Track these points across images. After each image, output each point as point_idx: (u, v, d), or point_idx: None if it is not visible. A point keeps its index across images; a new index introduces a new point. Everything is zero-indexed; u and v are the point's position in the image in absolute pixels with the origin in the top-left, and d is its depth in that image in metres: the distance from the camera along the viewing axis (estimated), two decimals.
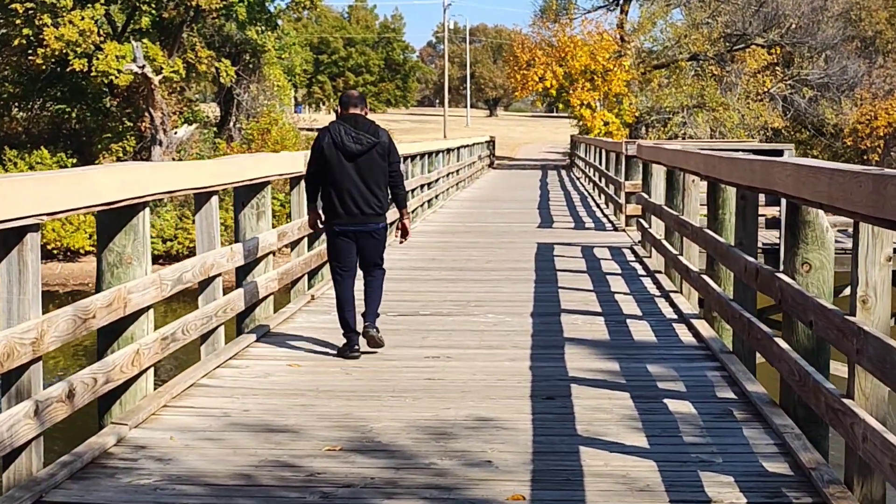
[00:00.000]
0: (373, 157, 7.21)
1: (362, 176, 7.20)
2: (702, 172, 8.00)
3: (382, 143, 7.24)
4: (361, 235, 7.35)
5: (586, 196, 26.50)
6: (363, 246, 7.40)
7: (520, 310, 9.15)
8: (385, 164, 7.29)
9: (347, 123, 7.20)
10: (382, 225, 7.46)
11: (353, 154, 7.16)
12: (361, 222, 7.29)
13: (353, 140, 7.15)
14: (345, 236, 7.35)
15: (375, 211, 7.31)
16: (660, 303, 9.43)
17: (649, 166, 13.19)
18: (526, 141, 77.68)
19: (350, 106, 7.28)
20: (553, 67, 48.03)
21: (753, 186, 6.18)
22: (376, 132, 7.25)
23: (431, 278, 11.32)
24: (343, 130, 7.16)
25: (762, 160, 6.05)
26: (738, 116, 46.91)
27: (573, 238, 15.60)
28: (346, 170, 7.16)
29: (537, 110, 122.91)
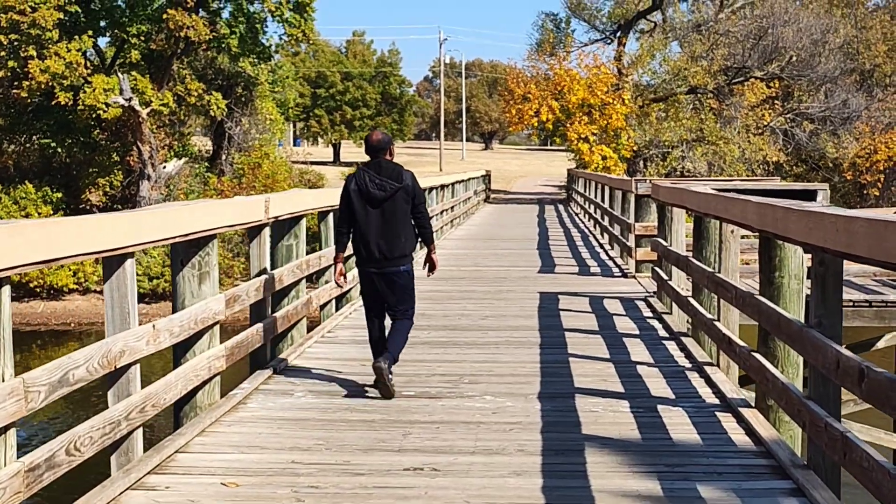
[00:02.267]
0: (396, 202, 7.38)
1: (387, 221, 7.39)
2: (754, 226, 6.40)
3: (406, 187, 7.39)
4: (387, 278, 7.54)
5: (587, 234, 24.91)
6: (389, 288, 7.58)
7: (524, 388, 7.52)
8: (409, 206, 7.45)
9: (371, 170, 7.39)
10: (406, 268, 7.59)
11: (377, 200, 7.36)
12: (387, 266, 7.48)
13: (376, 187, 7.34)
14: (374, 280, 7.56)
15: (402, 254, 7.50)
16: (694, 379, 7.80)
17: (667, 209, 11.59)
18: (521, 174, 76.36)
19: (374, 151, 7.46)
20: (549, 101, 46.62)
21: (843, 252, 4.57)
22: (399, 176, 7.39)
23: (419, 341, 9.67)
24: (367, 178, 7.37)
25: (848, 217, 4.47)
26: (739, 150, 45.51)
27: (578, 286, 13.99)
28: (371, 216, 7.37)
29: (532, 143, 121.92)
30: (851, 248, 4.36)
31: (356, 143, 75.73)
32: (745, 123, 46.66)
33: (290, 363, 8.44)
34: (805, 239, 5.19)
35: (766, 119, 47.62)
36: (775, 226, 5.84)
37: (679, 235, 10.94)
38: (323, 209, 10.77)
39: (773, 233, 5.99)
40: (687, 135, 45.72)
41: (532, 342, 9.56)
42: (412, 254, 7.65)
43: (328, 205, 10.72)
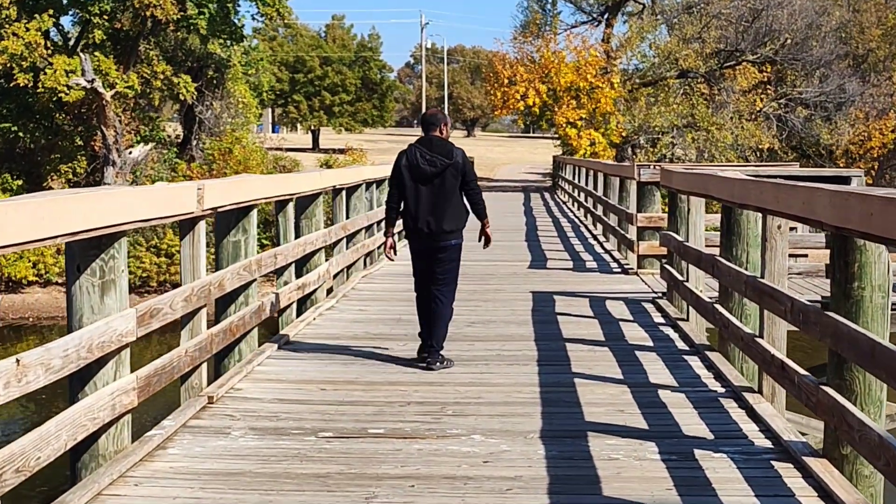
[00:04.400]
0: (446, 178, 7.54)
1: (437, 196, 7.53)
2: (826, 221, 4.85)
3: (456, 164, 7.55)
4: (436, 252, 7.69)
5: (578, 225, 23.38)
6: (436, 261, 7.71)
7: (522, 423, 5.98)
8: (458, 182, 7.59)
9: (423, 146, 7.59)
10: (455, 242, 7.72)
11: (427, 176, 7.54)
12: (435, 240, 7.63)
13: (427, 162, 7.52)
14: (421, 254, 7.76)
15: (451, 228, 7.62)
16: (732, 411, 6.27)
17: (680, 198, 10.06)
18: (505, 161, 74.80)
19: (428, 127, 7.64)
20: (536, 84, 45.02)
21: None
22: (450, 153, 7.55)
23: (392, 355, 8.13)
24: (419, 154, 7.55)
25: None
26: (731, 137, 44.06)
27: (575, 284, 12.46)
28: (422, 191, 7.54)
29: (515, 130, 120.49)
30: None
31: (335, 130, 74.00)
32: (737, 109, 45.21)
33: (233, 387, 6.88)
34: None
35: (759, 104, 46.21)
36: (864, 223, 4.30)
37: (698, 229, 9.41)
38: (281, 198, 9.19)
39: (859, 231, 4.46)
40: (677, 120, 44.24)
41: (528, 357, 8.02)
42: (461, 229, 7.72)
43: (286, 193, 9.16)
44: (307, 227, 10.64)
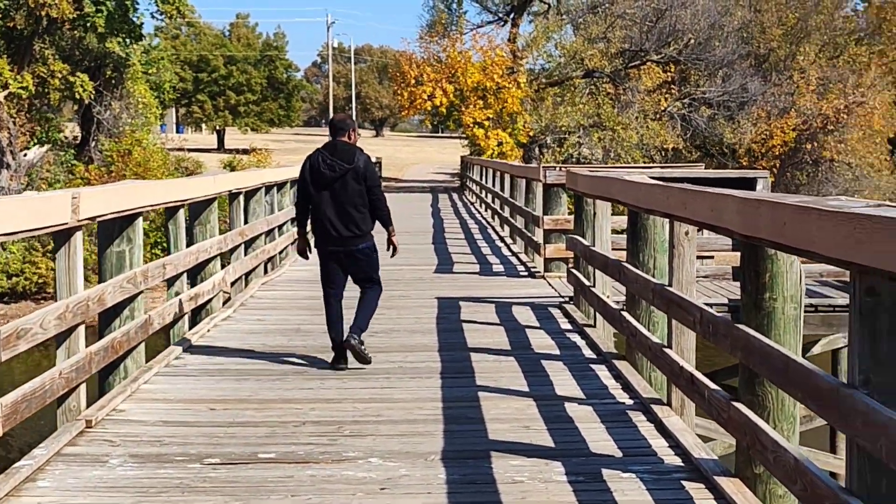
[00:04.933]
0: (347, 183, 7.60)
1: (339, 200, 7.61)
2: (735, 230, 4.62)
3: (357, 169, 7.60)
4: (346, 257, 7.78)
5: (486, 226, 23.18)
6: (351, 266, 7.85)
7: (423, 443, 5.66)
8: (361, 187, 7.63)
9: (327, 151, 7.66)
10: (366, 245, 7.79)
11: (327, 180, 7.61)
12: (343, 244, 7.71)
13: (327, 167, 7.59)
14: (331, 258, 7.82)
15: (355, 233, 7.69)
16: (641, 425, 6.03)
17: (587, 201, 9.86)
18: (413, 161, 74.55)
19: (336, 132, 7.75)
20: (443, 84, 44.80)
21: None
22: (352, 159, 7.60)
23: (288, 369, 7.75)
24: (321, 158, 7.64)
25: None
26: (637, 136, 44.40)
27: (482, 289, 12.20)
28: (324, 196, 7.61)
29: (424, 130, 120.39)
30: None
31: (241, 130, 72.90)
32: (642, 108, 45.60)
33: (115, 408, 6.43)
34: (841, 254, 3.44)
35: (664, 104, 46.70)
36: (775, 232, 4.07)
37: (605, 233, 9.21)
38: (170, 204, 8.73)
39: (770, 241, 4.23)
40: (584, 120, 44.42)
41: (431, 369, 7.71)
42: (369, 232, 7.77)
43: (177, 199, 8.71)
44: (201, 234, 10.19)
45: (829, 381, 3.61)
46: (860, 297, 3.46)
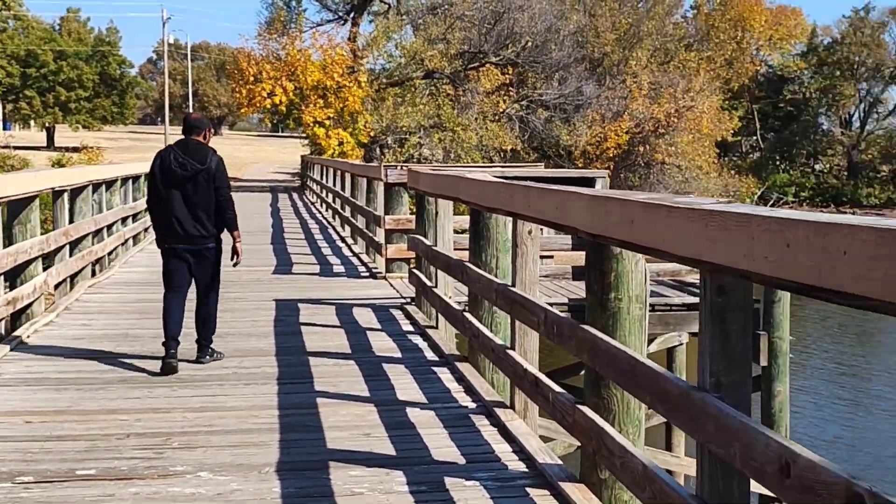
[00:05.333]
0: (198, 183, 7.51)
1: (188, 199, 7.49)
2: (582, 228, 4.49)
3: (209, 170, 7.52)
4: (194, 256, 7.66)
5: (326, 226, 22.82)
6: (196, 267, 7.70)
7: (258, 454, 5.34)
8: (211, 188, 7.54)
9: (179, 149, 7.56)
10: (211, 246, 7.68)
11: (178, 179, 7.49)
12: (188, 243, 7.59)
13: (179, 165, 7.47)
14: (177, 258, 7.66)
15: (201, 233, 7.58)
16: (484, 429, 5.86)
17: (428, 200, 9.68)
18: (253, 161, 73.37)
19: (190, 130, 7.67)
20: (283, 82, 44.11)
21: (775, 278, 2.74)
22: (205, 159, 7.52)
23: (114, 377, 7.29)
24: (173, 156, 7.51)
25: (790, 220, 2.62)
26: (476, 137, 44.72)
27: (322, 291, 11.88)
28: (174, 194, 7.48)
29: (264, 129, 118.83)
30: (794, 274, 2.54)
31: (72, 127, 70.32)
32: (481, 110, 45.96)
33: None
34: (692, 252, 3.32)
35: (502, 106, 47.18)
36: (623, 230, 3.94)
37: (447, 232, 9.04)
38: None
39: (618, 239, 4.10)
40: (424, 121, 44.44)
41: (268, 374, 7.38)
42: (218, 235, 7.69)
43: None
44: (21, 234, 9.57)
45: (679, 385, 3.48)
46: (711, 296, 3.34)
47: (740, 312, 3.33)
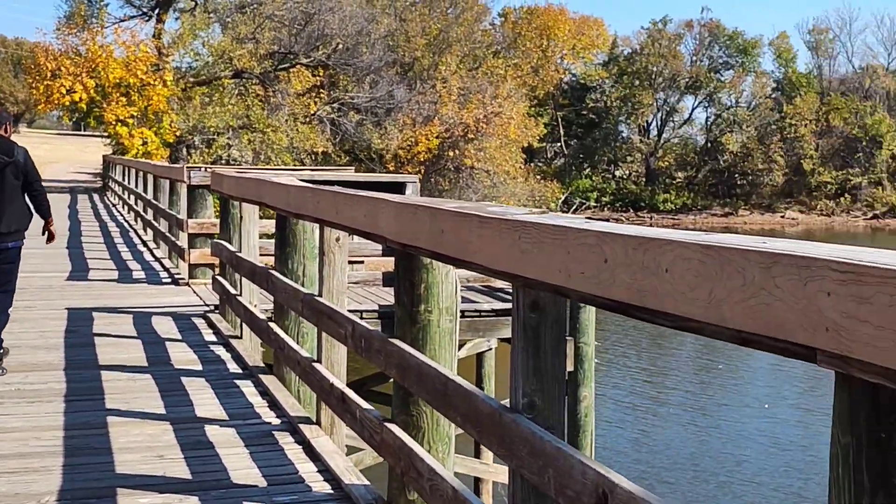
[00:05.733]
0: (6, 177, 7.31)
1: None
2: (391, 238, 4.27)
3: (17, 163, 7.35)
4: None
5: (128, 229, 21.92)
6: None
7: (36, 483, 4.87)
8: (19, 182, 7.40)
9: None
10: (16, 244, 7.49)
11: None
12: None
13: None
14: None
15: (10, 230, 7.37)
16: (289, 448, 5.56)
17: (232, 204, 9.29)
18: (52, 160, 70.18)
19: None
20: (83, 79, 42.32)
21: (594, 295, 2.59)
22: (11, 151, 7.34)
23: None
24: None
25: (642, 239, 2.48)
26: (287, 139, 44.11)
27: (120, 298, 11.28)
28: None
29: (64, 127, 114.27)
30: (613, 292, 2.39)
31: None
32: (292, 111, 45.38)
33: None
34: (505, 265, 3.14)
35: (313, 108, 46.72)
36: (434, 240, 3.74)
37: (252, 238, 8.67)
38: None
39: (428, 250, 3.90)
40: (233, 121, 43.51)
41: (55, 391, 6.85)
42: (23, 230, 7.54)
43: None
44: None
45: (491, 405, 3.30)
46: (524, 312, 3.17)
47: (555, 329, 3.18)
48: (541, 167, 67.87)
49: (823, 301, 1.82)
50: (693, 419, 18.26)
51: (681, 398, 20.11)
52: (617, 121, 74.68)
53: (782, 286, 1.93)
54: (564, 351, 3.21)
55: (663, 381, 21.88)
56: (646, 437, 16.81)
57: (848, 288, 1.76)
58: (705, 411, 18.97)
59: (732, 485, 14.46)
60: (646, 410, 18.96)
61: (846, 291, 1.77)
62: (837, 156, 71.51)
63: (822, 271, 1.83)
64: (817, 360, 1.88)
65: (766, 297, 1.97)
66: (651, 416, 18.48)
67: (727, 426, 17.76)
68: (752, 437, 16.94)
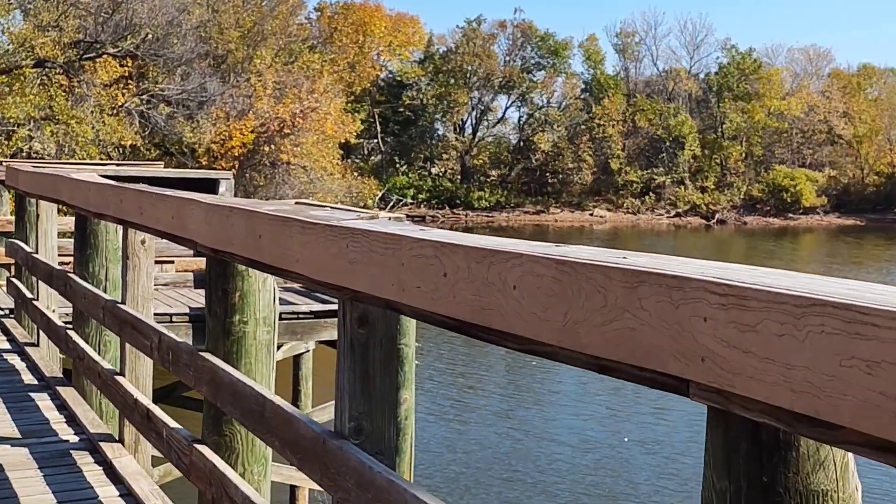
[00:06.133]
0: None
1: None
2: (201, 242, 3.91)
3: None
4: None
5: None
6: None
7: None
8: None
9: None
10: None
11: None
12: None
13: None
14: None
15: None
16: (88, 469, 5.09)
17: (29, 202, 8.63)
18: None
19: None
20: None
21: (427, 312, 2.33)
22: None
23: None
24: None
25: None
26: (93, 132, 42.36)
27: None
28: None
29: None
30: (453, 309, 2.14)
31: None
32: (98, 103, 43.60)
33: None
34: (330, 276, 2.85)
35: (121, 99, 45.03)
36: (251, 247, 3.41)
37: (50, 239, 8.04)
38: None
39: (244, 257, 3.56)
40: (35, 112, 41.45)
41: None
42: None
43: None
44: None
45: (314, 430, 2.99)
46: (352, 327, 2.88)
47: (385, 346, 2.90)
48: (358, 163, 67.60)
49: (699, 327, 1.61)
50: (507, 418, 18.36)
51: (494, 397, 20.21)
52: (433, 118, 75.15)
53: (650, 309, 1.70)
54: (396, 369, 2.94)
55: (477, 380, 21.96)
56: (460, 437, 16.75)
57: (729, 313, 1.55)
58: (519, 409, 19.11)
59: (546, 484, 14.55)
60: (461, 409, 18.95)
61: (726, 317, 1.56)
62: (643, 156, 74.01)
63: (696, 293, 1.61)
64: (690, 393, 1.66)
65: (631, 320, 1.74)
66: (465, 415, 18.47)
67: (541, 424, 17.92)
68: (561, 435, 17.14)
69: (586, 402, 19.68)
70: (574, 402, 19.65)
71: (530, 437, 17.03)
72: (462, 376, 22.19)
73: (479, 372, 23.07)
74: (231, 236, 3.60)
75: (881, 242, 58.27)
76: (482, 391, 20.88)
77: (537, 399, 20.21)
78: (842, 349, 1.36)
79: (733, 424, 1.64)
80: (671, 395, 1.79)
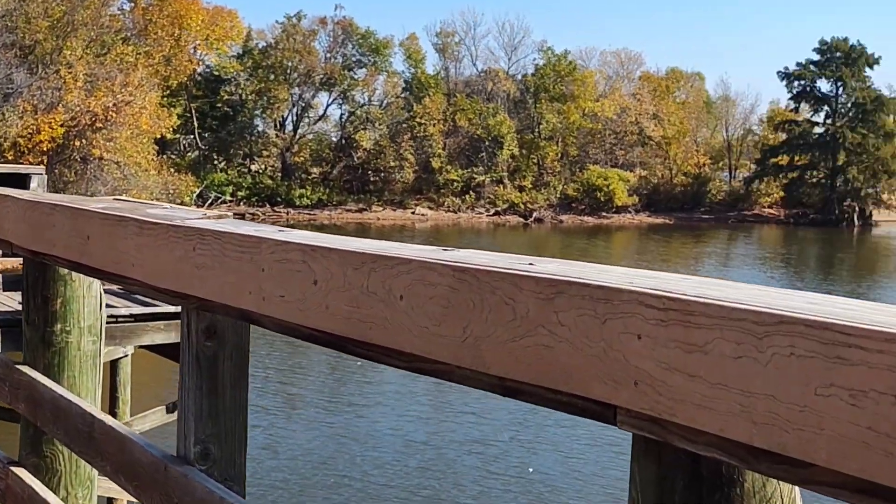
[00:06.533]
0: None
1: None
2: (16, 243, 3.50)
3: None
4: None
5: None
6: None
7: None
8: None
9: None
10: None
11: None
12: None
13: None
14: None
15: None
16: None
17: None
18: None
19: None
20: None
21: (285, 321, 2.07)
22: None
23: None
24: None
25: None
26: None
27: None
28: None
29: None
30: (325, 322, 1.89)
31: None
32: None
33: None
34: (172, 283, 2.53)
35: None
36: (76, 249, 3.05)
37: None
38: None
39: (68, 260, 3.19)
40: None
41: None
42: None
43: None
44: None
45: (153, 455, 2.67)
46: (198, 339, 2.57)
47: (236, 359, 2.61)
48: (174, 159, 65.79)
49: (631, 346, 1.40)
50: (329, 421, 18.05)
51: (319, 399, 19.88)
52: (253, 114, 73.91)
53: (569, 324, 1.49)
54: (246, 386, 2.65)
55: (301, 380, 21.58)
56: (282, 443, 16.31)
57: (670, 330, 1.35)
58: (341, 412, 18.83)
59: (370, 487, 14.34)
60: (284, 412, 18.53)
61: (667, 335, 1.35)
62: (463, 155, 74.76)
63: (628, 306, 1.40)
64: (617, 421, 1.45)
65: (547, 337, 1.52)
66: (285, 419, 18.06)
67: (364, 426, 17.68)
68: (385, 437, 16.96)
69: (409, 402, 19.56)
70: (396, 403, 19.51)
71: (354, 440, 16.77)
72: (284, 376, 21.73)
73: (303, 372, 22.66)
74: (52, 237, 3.22)
75: (688, 241, 60.67)
76: (305, 392, 20.50)
77: (359, 398, 19.97)
78: (817, 376, 1.18)
79: (667, 457, 1.44)
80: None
